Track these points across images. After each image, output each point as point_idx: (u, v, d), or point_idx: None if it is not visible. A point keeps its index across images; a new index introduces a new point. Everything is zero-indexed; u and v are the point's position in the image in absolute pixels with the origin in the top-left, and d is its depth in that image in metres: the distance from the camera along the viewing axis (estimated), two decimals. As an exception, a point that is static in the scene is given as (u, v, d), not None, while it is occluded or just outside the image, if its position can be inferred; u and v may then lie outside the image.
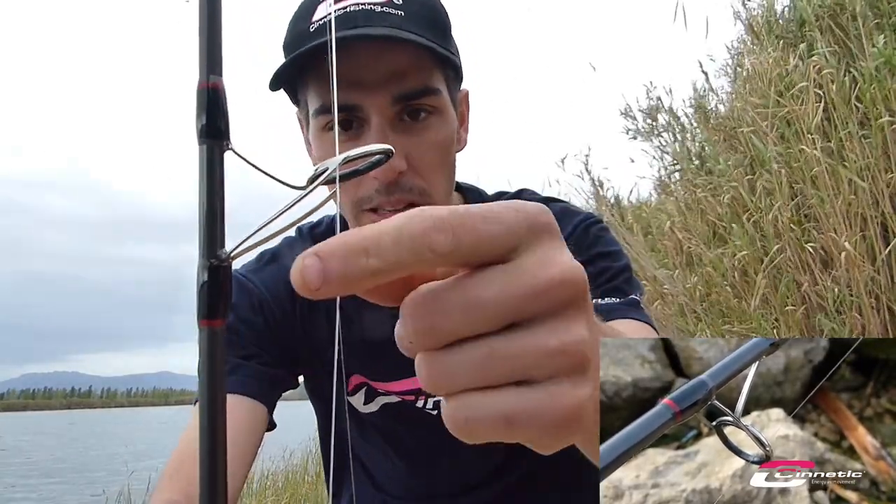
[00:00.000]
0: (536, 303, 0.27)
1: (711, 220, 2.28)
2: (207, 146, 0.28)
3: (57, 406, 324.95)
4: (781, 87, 2.08)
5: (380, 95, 0.67)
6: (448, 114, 0.73)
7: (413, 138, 0.70)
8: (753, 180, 2.06)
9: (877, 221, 1.77)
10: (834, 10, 2.25)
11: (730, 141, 2.60)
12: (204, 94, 0.28)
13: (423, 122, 0.70)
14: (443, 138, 0.72)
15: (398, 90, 0.68)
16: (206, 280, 0.27)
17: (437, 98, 0.71)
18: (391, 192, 0.69)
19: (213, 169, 0.28)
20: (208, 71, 0.28)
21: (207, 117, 0.28)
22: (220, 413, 0.28)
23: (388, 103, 0.68)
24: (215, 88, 0.28)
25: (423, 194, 0.70)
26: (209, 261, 0.27)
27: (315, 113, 0.71)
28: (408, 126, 0.70)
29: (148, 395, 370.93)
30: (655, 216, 3.20)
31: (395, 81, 0.68)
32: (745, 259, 1.95)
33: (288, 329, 0.82)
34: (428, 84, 0.70)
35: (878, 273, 1.72)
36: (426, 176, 0.71)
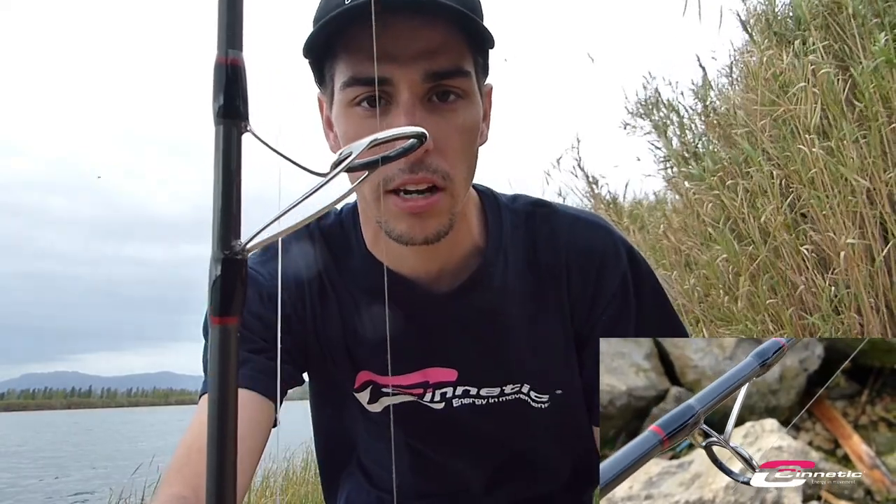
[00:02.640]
0: None
1: (706, 219, 2.28)
2: (225, 126, 0.26)
3: (57, 406, 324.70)
4: (776, 87, 2.08)
5: (412, 70, 0.67)
6: (475, 100, 0.73)
7: (440, 119, 0.69)
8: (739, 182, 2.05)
9: (875, 221, 1.77)
10: (831, 9, 2.25)
11: (726, 139, 2.60)
12: (222, 70, 0.26)
13: (452, 104, 0.70)
14: (470, 123, 0.72)
15: (430, 67, 0.67)
16: (220, 274, 0.25)
17: (466, 81, 0.70)
18: (416, 170, 0.68)
19: (229, 152, 0.26)
20: (227, 45, 0.26)
21: (225, 96, 0.26)
22: (231, 414, 0.26)
23: (419, 80, 0.67)
24: (234, 65, 0.26)
25: (447, 178, 0.69)
26: (223, 252, 0.25)
27: (343, 85, 0.69)
28: (436, 106, 0.69)
29: (148, 395, 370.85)
30: (652, 215, 3.20)
31: (428, 58, 0.67)
32: (734, 262, 1.95)
33: (298, 323, 0.81)
34: (460, 65, 0.69)
35: (877, 274, 1.72)
36: (450, 159, 0.70)
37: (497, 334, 0.82)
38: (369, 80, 0.67)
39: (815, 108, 1.81)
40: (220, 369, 0.26)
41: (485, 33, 0.69)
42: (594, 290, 0.82)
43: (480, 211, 0.85)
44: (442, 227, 0.71)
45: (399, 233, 0.70)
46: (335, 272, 0.81)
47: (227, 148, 0.26)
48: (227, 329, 0.26)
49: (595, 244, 0.83)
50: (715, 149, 2.50)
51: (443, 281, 0.80)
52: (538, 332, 0.83)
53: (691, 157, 2.77)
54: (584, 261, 0.82)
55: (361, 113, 0.69)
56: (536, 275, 0.83)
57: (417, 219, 0.69)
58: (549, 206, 0.88)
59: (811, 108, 1.84)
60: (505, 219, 0.85)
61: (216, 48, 0.26)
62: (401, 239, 0.70)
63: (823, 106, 1.86)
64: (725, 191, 2.13)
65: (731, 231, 2.01)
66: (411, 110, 0.67)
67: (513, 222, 0.85)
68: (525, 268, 0.83)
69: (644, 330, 0.80)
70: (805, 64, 1.91)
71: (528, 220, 0.85)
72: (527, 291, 0.82)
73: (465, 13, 0.66)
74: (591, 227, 0.85)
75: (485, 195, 0.87)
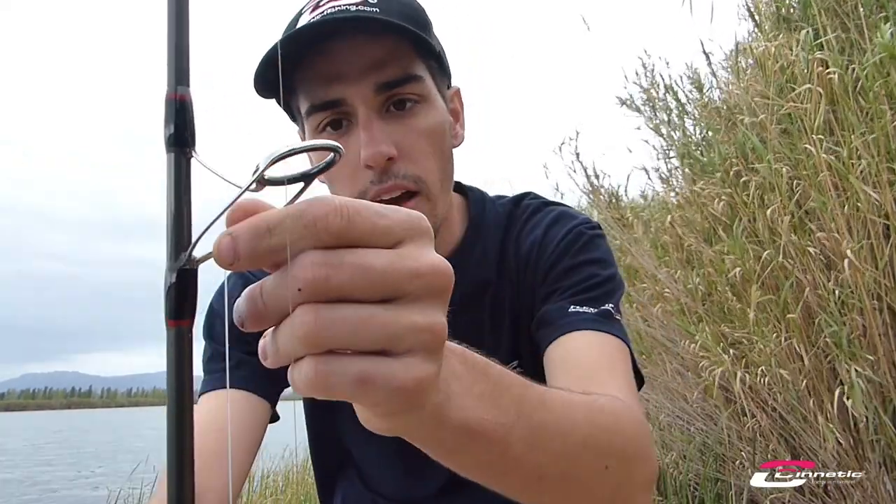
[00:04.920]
0: (414, 283, 0.31)
1: (714, 214, 2.24)
2: (175, 154, 0.29)
3: (57, 406, 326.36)
4: (783, 81, 2.04)
5: (361, 86, 0.68)
6: (435, 103, 0.73)
7: (401, 127, 0.70)
8: (752, 178, 2.02)
9: (879, 222, 1.74)
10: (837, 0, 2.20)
11: (728, 130, 2.56)
12: (172, 104, 0.29)
13: (410, 110, 0.71)
14: (433, 125, 0.73)
15: (379, 78, 0.68)
16: (174, 282, 0.29)
17: (420, 86, 0.71)
18: (384, 179, 0.69)
19: (179, 176, 0.29)
20: (176, 82, 0.30)
21: (175, 127, 0.29)
22: (188, 407, 0.30)
23: (371, 93, 0.68)
24: (182, 100, 0.30)
25: (418, 181, 0.71)
26: (175, 264, 0.29)
27: (307, 114, 0.71)
28: (394, 115, 0.71)
29: (148, 395, 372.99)
30: (653, 210, 3.17)
31: (375, 70, 0.68)
32: (740, 264, 1.92)
33: None
34: (409, 71, 0.70)
35: (883, 276, 1.70)
36: (420, 163, 0.71)
37: (474, 330, 0.82)
38: (325, 105, 0.69)
39: (820, 107, 1.77)
40: (177, 367, 0.29)
41: (426, 43, 0.70)
42: (543, 283, 0.80)
43: (465, 212, 0.86)
44: None
45: None
46: None
47: (177, 173, 0.29)
48: (182, 331, 0.29)
49: (556, 238, 0.81)
50: (721, 140, 2.45)
51: None
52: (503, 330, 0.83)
53: (695, 149, 2.73)
54: (539, 254, 0.81)
55: (328, 138, 0.71)
56: (502, 270, 0.84)
57: None
58: (534, 203, 0.88)
59: (814, 107, 1.80)
60: (488, 213, 0.86)
61: (166, 84, 0.30)
62: None
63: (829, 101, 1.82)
64: (735, 187, 2.10)
65: (742, 230, 1.98)
66: (368, 124, 0.69)
67: (495, 218, 0.86)
68: (496, 263, 0.84)
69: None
70: (811, 62, 1.87)
71: (508, 216, 0.87)
72: (496, 284, 0.83)
73: (402, 26, 0.67)
74: (560, 222, 0.83)
75: (472, 193, 0.88)
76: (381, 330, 0.30)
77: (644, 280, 2.76)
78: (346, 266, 0.29)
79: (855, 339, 1.70)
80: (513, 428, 0.42)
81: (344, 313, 0.29)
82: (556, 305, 0.76)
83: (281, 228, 0.29)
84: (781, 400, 1.88)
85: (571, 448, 0.47)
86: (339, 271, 0.29)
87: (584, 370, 0.68)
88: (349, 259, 0.29)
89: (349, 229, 0.29)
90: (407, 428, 0.36)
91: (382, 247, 0.31)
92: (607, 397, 0.58)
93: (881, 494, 1.68)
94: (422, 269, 0.31)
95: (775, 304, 1.87)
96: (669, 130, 3.03)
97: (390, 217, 0.31)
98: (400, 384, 0.30)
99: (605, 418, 0.53)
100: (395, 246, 0.31)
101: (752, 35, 2.84)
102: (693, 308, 2.20)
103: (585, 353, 0.70)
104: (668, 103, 3.05)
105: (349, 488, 0.93)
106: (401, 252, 0.31)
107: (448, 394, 0.37)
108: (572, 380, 0.66)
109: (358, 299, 0.30)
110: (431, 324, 0.31)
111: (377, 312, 0.30)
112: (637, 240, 2.82)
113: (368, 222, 0.30)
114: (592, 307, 0.74)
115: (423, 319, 0.31)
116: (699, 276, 2.20)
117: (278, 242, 0.29)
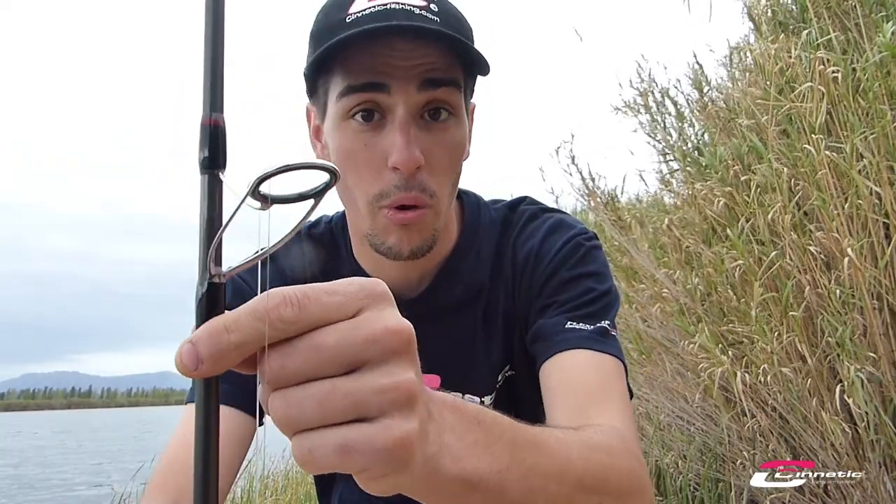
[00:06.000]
0: (371, 349, 0.33)
1: (710, 215, 2.24)
2: (209, 176, 0.31)
3: (57, 406, 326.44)
4: (782, 83, 2.04)
5: (408, 77, 0.68)
6: (463, 119, 0.75)
7: (432, 138, 0.71)
8: (752, 178, 2.01)
9: (880, 222, 1.74)
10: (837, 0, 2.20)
11: (727, 132, 2.55)
12: (206, 129, 0.31)
13: (443, 123, 0.72)
14: (458, 141, 0.74)
15: (426, 74, 0.68)
16: (204, 293, 0.31)
17: (456, 96, 0.72)
18: (410, 187, 0.70)
19: (213, 196, 0.31)
20: (211, 108, 0.31)
21: (209, 151, 0.31)
22: (214, 429, 0.32)
23: (413, 89, 0.68)
24: (216, 125, 0.31)
25: (433, 196, 0.72)
26: (207, 277, 0.31)
27: (339, 95, 0.70)
28: (428, 125, 0.71)
29: (148, 395, 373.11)
30: (651, 211, 3.16)
31: (425, 69, 0.69)
32: (742, 264, 1.91)
33: None
34: (454, 77, 0.71)
35: (883, 275, 1.69)
36: (438, 177, 0.72)
37: (467, 334, 0.83)
38: (366, 87, 0.68)
39: (821, 106, 1.77)
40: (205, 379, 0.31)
41: (481, 60, 0.70)
42: (539, 294, 0.80)
43: (460, 216, 0.86)
44: (425, 241, 0.73)
45: (389, 245, 0.72)
46: (321, 279, 0.81)
47: (211, 193, 0.31)
48: None
49: (553, 248, 0.81)
50: (719, 142, 2.45)
51: (421, 285, 0.82)
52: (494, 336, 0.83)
53: (693, 150, 2.73)
54: (536, 263, 0.81)
55: (356, 127, 0.70)
56: (497, 275, 0.84)
57: (405, 231, 0.71)
58: (530, 209, 0.87)
59: (816, 107, 1.80)
60: (483, 218, 0.86)
61: (201, 109, 0.31)
62: (389, 252, 0.73)
63: (828, 106, 1.82)
64: (735, 187, 2.09)
65: (741, 231, 1.98)
66: (405, 127, 0.68)
67: (490, 223, 0.86)
68: (491, 268, 0.84)
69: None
70: (812, 62, 1.87)
71: (504, 221, 0.87)
72: (490, 289, 0.83)
73: (461, 40, 0.68)
74: (558, 231, 0.83)
75: (467, 197, 0.88)
76: (346, 399, 0.32)
77: (643, 280, 2.76)
78: (299, 350, 0.32)
79: (855, 339, 1.70)
80: (508, 473, 0.42)
81: (308, 392, 0.32)
82: (553, 320, 0.76)
83: (237, 325, 0.31)
84: (782, 400, 1.88)
85: (566, 489, 0.48)
86: (292, 357, 0.32)
87: (582, 397, 0.69)
88: (302, 344, 0.32)
89: (301, 315, 0.32)
90: (403, 485, 0.36)
91: (341, 320, 0.33)
92: (602, 430, 0.60)
93: (881, 494, 1.68)
94: (377, 335, 0.33)
95: (777, 303, 1.87)
96: (665, 135, 3.03)
97: (341, 292, 0.33)
98: (381, 446, 0.32)
99: (600, 456, 0.53)
100: (356, 315, 0.33)
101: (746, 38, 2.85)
102: (692, 308, 2.20)
103: (583, 375, 0.71)
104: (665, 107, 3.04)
105: (347, 487, 0.93)
106: (356, 322, 0.33)
107: (441, 445, 0.37)
108: (570, 406, 0.68)
109: (324, 376, 0.32)
110: (397, 383, 0.33)
111: (339, 383, 0.32)
112: (635, 240, 2.82)
113: (318, 304, 0.32)
114: (589, 324, 0.75)
115: (387, 380, 0.33)
116: (698, 277, 2.20)
117: (238, 338, 0.31)
